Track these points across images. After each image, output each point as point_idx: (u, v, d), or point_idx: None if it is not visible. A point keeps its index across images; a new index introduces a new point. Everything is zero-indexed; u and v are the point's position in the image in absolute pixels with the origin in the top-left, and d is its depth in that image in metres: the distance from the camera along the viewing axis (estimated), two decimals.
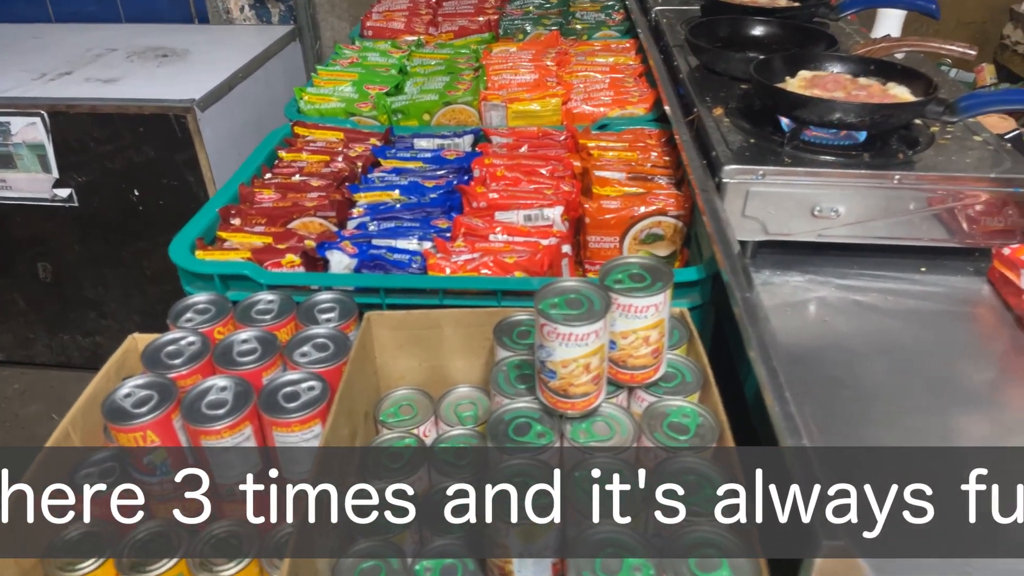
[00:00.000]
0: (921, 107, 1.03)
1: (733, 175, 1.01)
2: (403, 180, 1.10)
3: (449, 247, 0.94)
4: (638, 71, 1.47)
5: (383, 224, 1.00)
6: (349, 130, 1.27)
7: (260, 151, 1.21)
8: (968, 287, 1.02)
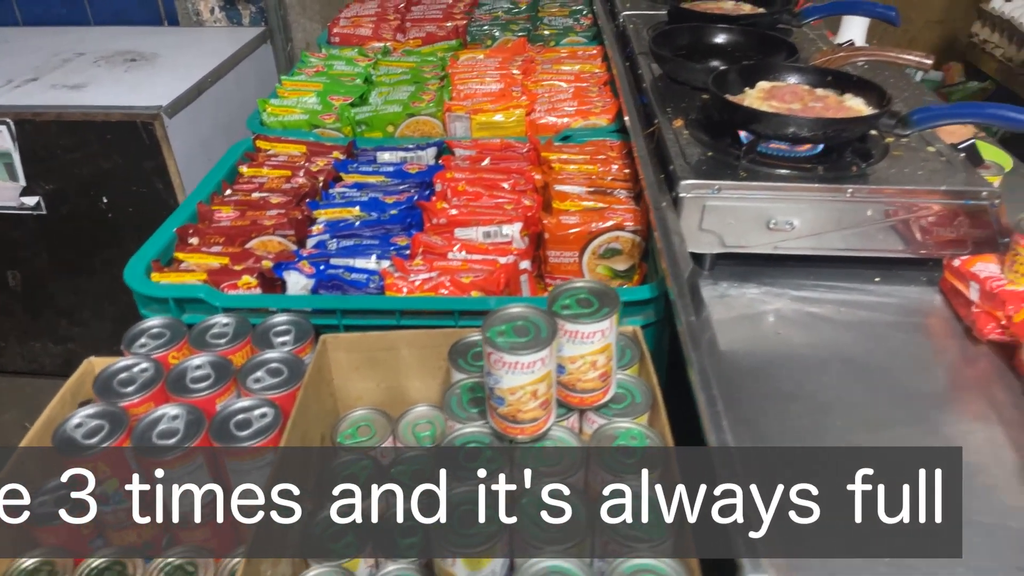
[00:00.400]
0: (873, 121, 1.04)
1: (689, 190, 1.02)
2: (364, 196, 1.10)
3: (407, 266, 0.94)
4: (603, 79, 1.47)
5: (342, 242, 1.00)
6: (312, 143, 1.27)
7: (220, 166, 1.20)
8: (921, 297, 1.04)
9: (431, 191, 1.13)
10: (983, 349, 0.93)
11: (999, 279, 0.94)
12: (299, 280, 0.92)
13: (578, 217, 1.03)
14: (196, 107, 2.18)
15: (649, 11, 1.79)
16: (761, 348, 0.95)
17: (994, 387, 0.89)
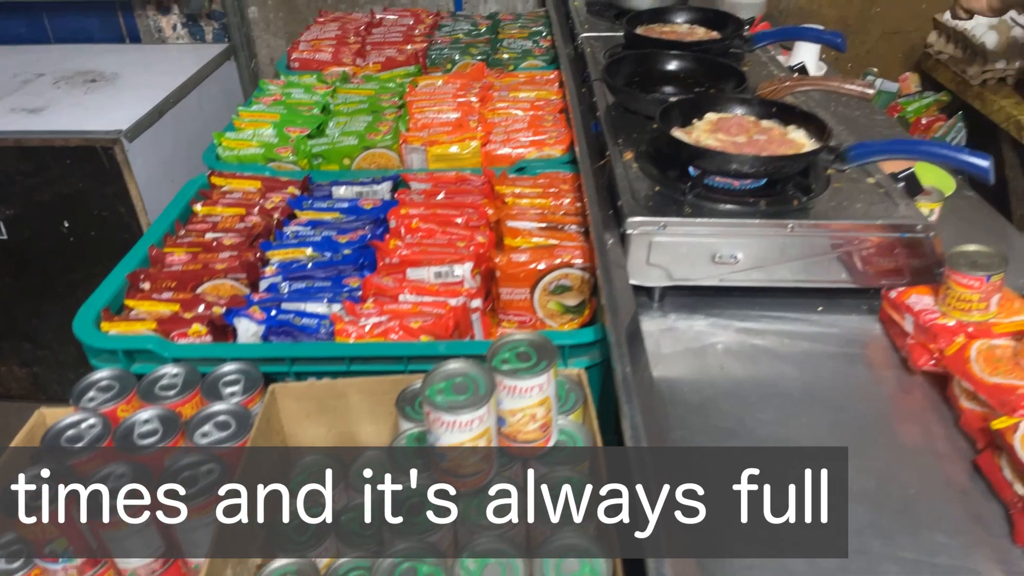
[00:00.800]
0: (812, 156, 1.07)
1: (636, 227, 1.04)
2: (317, 235, 1.11)
3: (358, 309, 0.95)
4: (559, 107, 1.49)
5: (294, 284, 1.01)
6: (267, 178, 1.27)
7: (175, 205, 1.20)
8: (861, 327, 1.07)
9: (385, 228, 1.14)
10: (918, 380, 0.97)
11: (932, 312, 0.97)
12: (250, 327, 0.93)
13: (528, 255, 1.05)
14: (157, 129, 2.16)
15: (608, 32, 1.81)
16: (705, 383, 0.98)
17: (928, 418, 0.92)
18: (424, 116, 1.45)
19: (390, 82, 1.64)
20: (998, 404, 0.83)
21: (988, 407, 0.84)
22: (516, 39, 1.86)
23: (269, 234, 1.14)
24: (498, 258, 1.04)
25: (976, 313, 0.94)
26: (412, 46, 1.82)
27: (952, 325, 0.94)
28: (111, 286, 1.02)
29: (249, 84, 2.73)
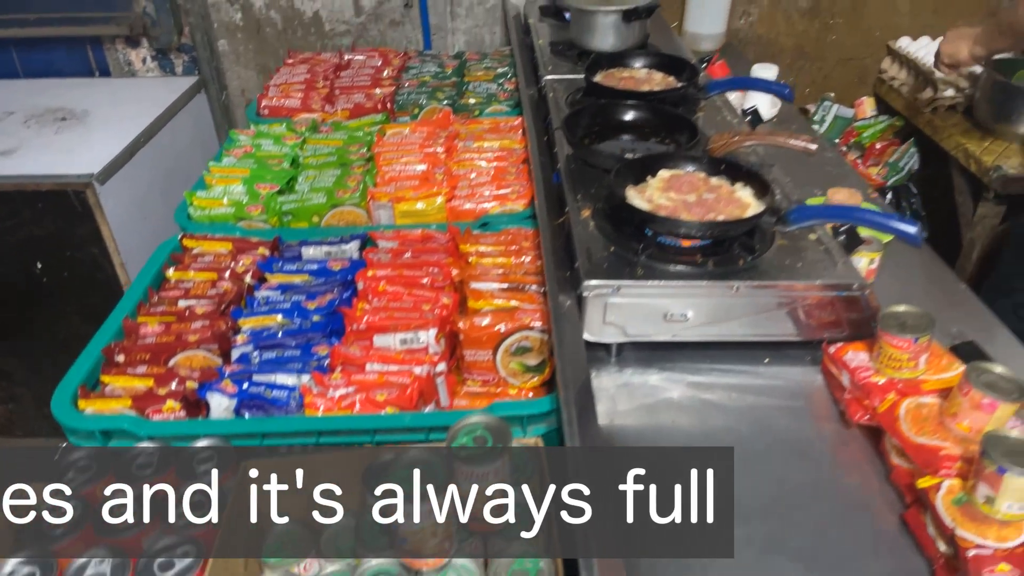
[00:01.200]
0: (755, 220, 1.14)
1: (592, 290, 1.10)
2: (287, 300, 1.16)
3: (327, 380, 1.00)
4: (522, 157, 1.55)
5: (265, 354, 1.06)
6: (238, 239, 1.31)
7: (147, 271, 1.24)
8: (804, 378, 1.14)
9: (353, 291, 1.19)
10: (855, 433, 1.04)
11: (867, 369, 1.04)
12: (222, 402, 0.97)
13: (490, 318, 1.10)
14: (129, 169, 2.18)
15: (570, 75, 1.87)
16: (657, 441, 1.04)
17: (864, 471, 0.99)
18: (391, 168, 1.50)
19: (358, 131, 1.68)
20: (923, 464, 0.90)
21: (915, 465, 0.91)
22: (482, 82, 1.91)
23: (240, 300, 1.18)
24: (462, 322, 1.09)
25: (906, 371, 1.01)
26: (380, 90, 1.87)
27: (883, 383, 1.01)
28: (87, 361, 1.06)
29: (220, 116, 2.75)
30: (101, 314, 2.21)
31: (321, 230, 1.38)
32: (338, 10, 2.60)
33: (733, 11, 2.50)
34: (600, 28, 1.90)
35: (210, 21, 2.62)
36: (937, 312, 1.27)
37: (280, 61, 2.68)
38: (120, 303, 1.15)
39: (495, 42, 2.66)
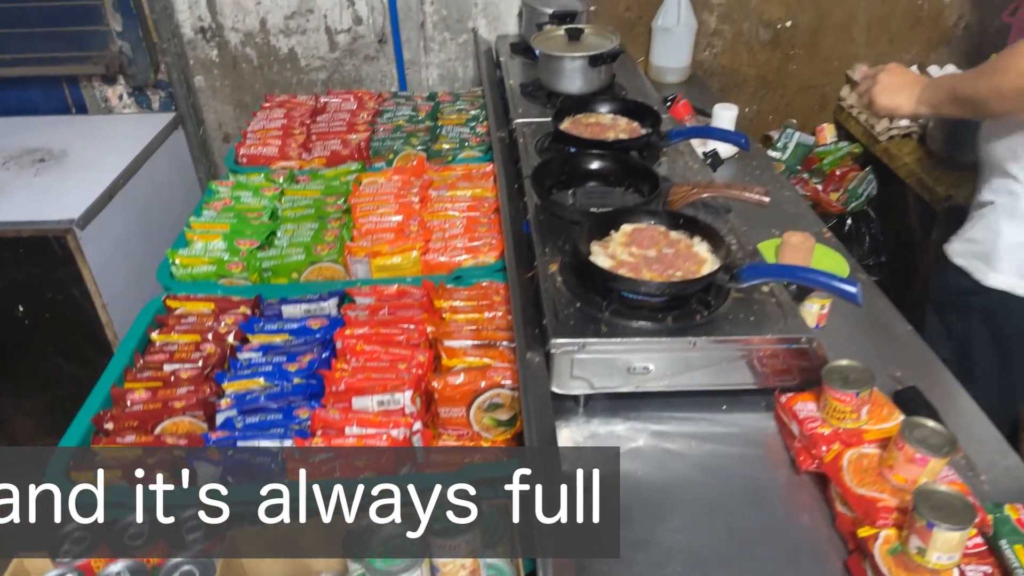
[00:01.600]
0: (710, 278, 1.21)
1: (559, 347, 1.17)
2: (268, 361, 1.21)
3: (308, 444, 1.06)
4: (493, 206, 1.61)
5: (248, 418, 1.11)
6: (219, 299, 1.36)
7: (133, 334, 1.29)
8: (759, 425, 1.22)
9: (332, 350, 1.24)
10: (805, 479, 1.12)
11: (814, 420, 1.12)
12: (208, 469, 1.03)
13: (464, 377, 1.16)
14: (109, 211, 2.22)
15: (540, 118, 1.94)
16: (623, 491, 1.11)
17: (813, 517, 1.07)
18: (368, 220, 1.56)
19: (335, 180, 1.73)
20: (863, 514, 0.98)
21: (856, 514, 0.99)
22: (454, 126, 1.98)
23: (223, 362, 1.23)
24: (436, 382, 1.16)
25: (849, 421, 1.09)
26: (356, 136, 1.92)
27: (828, 433, 1.09)
28: (78, 430, 1.10)
29: (198, 150, 2.79)
30: (83, 353, 2.26)
31: (300, 286, 1.43)
32: (313, 47, 2.65)
33: (697, 44, 2.59)
34: (568, 72, 1.98)
35: (186, 58, 2.66)
36: (882, 355, 1.37)
37: (257, 96, 2.73)
38: (107, 370, 1.20)
39: (468, 75, 2.73)
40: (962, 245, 1.58)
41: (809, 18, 2.63)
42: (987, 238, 1.52)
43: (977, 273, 1.53)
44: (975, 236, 1.55)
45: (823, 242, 1.64)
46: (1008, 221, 1.48)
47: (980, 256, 1.53)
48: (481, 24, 2.61)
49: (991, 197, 1.53)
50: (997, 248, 1.49)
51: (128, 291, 2.32)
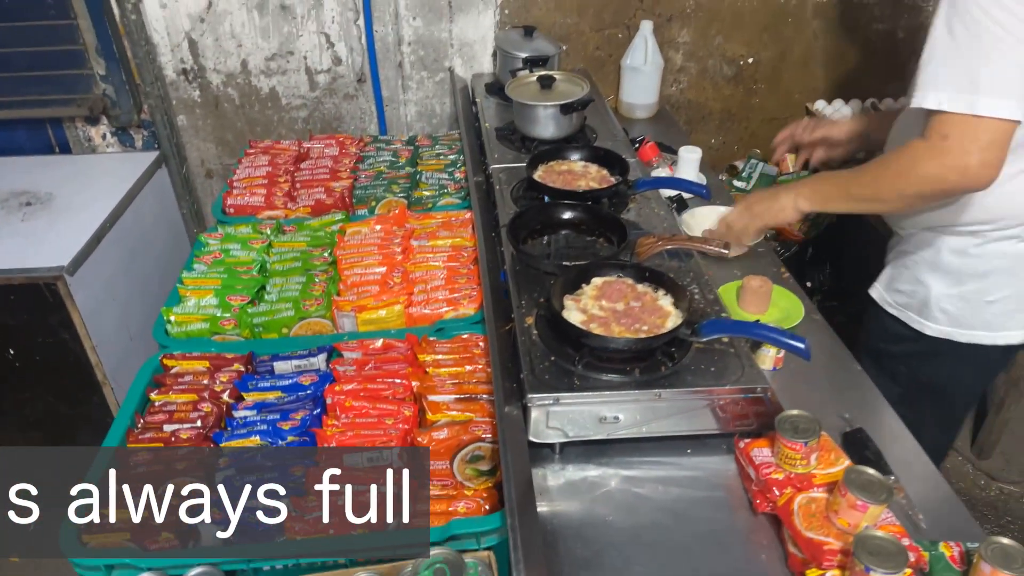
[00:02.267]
0: (673, 334, 1.31)
1: (535, 401, 1.27)
2: (263, 421, 1.29)
3: (304, 503, 1.14)
4: (472, 256, 1.70)
5: (246, 477, 1.19)
6: (214, 356, 1.44)
7: (132, 395, 1.36)
8: (720, 468, 1.32)
9: (322, 406, 1.33)
10: (762, 520, 1.22)
11: (769, 465, 1.22)
12: (212, 529, 1.11)
13: (447, 431, 1.25)
14: (98, 255, 2.28)
15: (515, 163, 2.03)
16: (594, 536, 1.20)
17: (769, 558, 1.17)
18: (352, 273, 1.64)
19: (320, 230, 1.82)
20: (811, 556, 1.08)
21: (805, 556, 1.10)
22: (434, 172, 2.07)
23: (220, 421, 1.31)
24: (422, 437, 1.25)
25: (800, 467, 1.20)
26: (338, 184, 2.00)
27: (782, 479, 1.19)
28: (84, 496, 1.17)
29: (182, 188, 2.85)
30: (74, 394, 2.32)
31: (290, 341, 1.52)
32: (293, 86, 2.73)
33: (665, 80, 2.70)
34: (540, 119, 2.08)
35: (169, 99, 2.72)
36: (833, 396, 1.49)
37: (238, 134, 2.80)
38: (110, 432, 1.27)
39: (445, 111, 2.82)
40: (893, 296, 1.64)
41: (770, 54, 2.75)
42: (917, 291, 1.57)
43: (913, 323, 1.59)
44: (904, 288, 1.61)
45: (781, 283, 1.75)
46: (932, 274, 1.54)
47: (913, 308, 1.59)
48: (457, 63, 2.71)
49: (910, 248, 1.59)
50: (929, 301, 1.55)
51: (117, 331, 2.38)
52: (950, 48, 1.22)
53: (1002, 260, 1.49)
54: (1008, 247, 1.47)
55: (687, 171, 2.08)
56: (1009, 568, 0.97)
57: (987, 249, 1.48)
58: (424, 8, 2.58)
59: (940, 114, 1.24)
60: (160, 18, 2.52)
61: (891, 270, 1.67)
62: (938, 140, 1.25)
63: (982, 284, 1.51)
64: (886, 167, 1.39)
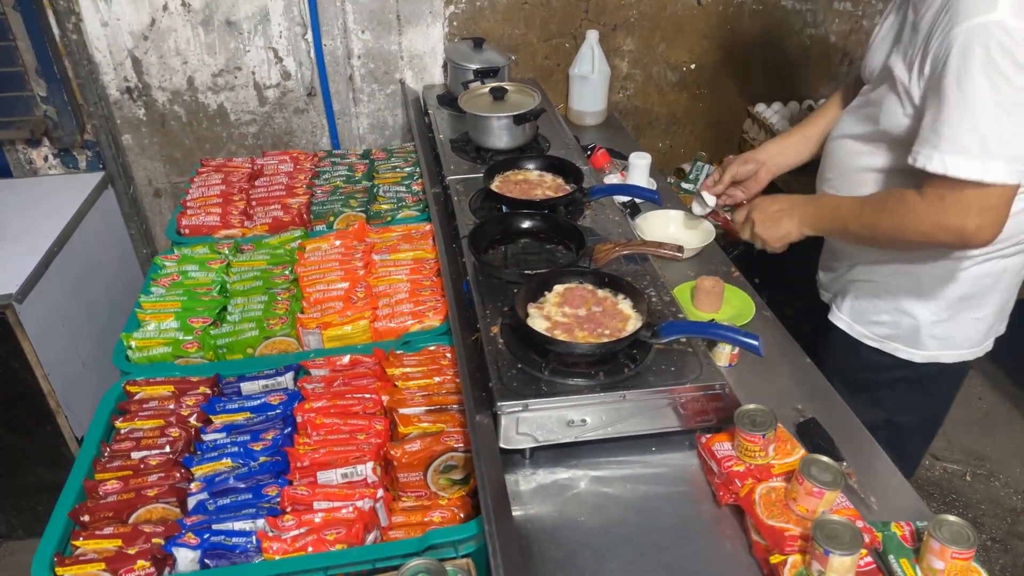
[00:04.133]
0: (634, 337, 1.36)
1: (505, 409, 1.30)
2: (233, 442, 1.29)
3: (280, 523, 1.15)
4: (434, 268, 1.73)
5: (219, 500, 1.19)
6: (178, 380, 1.42)
7: (97, 423, 1.34)
8: (684, 463, 1.38)
9: (292, 425, 1.33)
10: (725, 511, 1.28)
11: (730, 459, 1.28)
12: (187, 555, 1.10)
13: (419, 443, 1.27)
14: (46, 281, 2.22)
15: (471, 174, 2.06)
16: (567, 537, 1.24)
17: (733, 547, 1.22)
18: (315, 290, 1.64)
19: (279, 248, 1.81)
20: (773, 543, 1.14)
21: (768, 543, 1.15)
22: (391, 185, 2.08)
23: (190, 445, 1.30)
24: (395, 451, 1.26)
25: (759, 458, 1.26)
26: (295, 200, 2.00)
27: (742, 471, 1.25)
28: (56, 527, 1.15)
29: (130, 208, 2.79)
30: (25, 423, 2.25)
31: (256, 361, 1.51)
32: (242, 102, 2.70)
33: (612, 88, 2.77)
34: (495, 130, 2.11)
35: (113, 119, 2.66)
36: (786, 388, 1.56)
37: (187, 151, 2.76)
38: (77, 462, 1.25)
39: (397, 123, 2.83)
40: (871, 328, 1.59)
41: (711, 60, 2.85)
42: (901, 322, 1.52)
43: (900, 354, 1.54)
44: (884, 319, 1.55)
45: (732, 282, 1.82)
46: (917, 303, 1.49)
47: (901, 339, 1.55)
48: (408, 76, 2.73)
49: (884, 279, 1.53)
50: (919, 330, 1.50)
51: (69, 357, 2.32)
52: (958, 106, 1.15)
53: (988, 279, 1.46)
54: (991, 266, 1.44)
55: (638, 177, 2.15)
56: (957, 544, 1.05)
57: (972, 272, 1.45)
58: (373, 21, 2.59)
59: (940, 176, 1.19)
60: (102, 36, 2.47)
61: (857, 302, 1.61)
62: (936, 200, 1.22)
63: (970, 303, 1.48)
64: (883, 213, 1.33)
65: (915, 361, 1.55)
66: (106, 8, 2.43)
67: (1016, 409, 2.96)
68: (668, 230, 2.02)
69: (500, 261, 1.67)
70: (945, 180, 1.20)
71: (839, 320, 1.67)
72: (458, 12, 2.62)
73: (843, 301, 1.66)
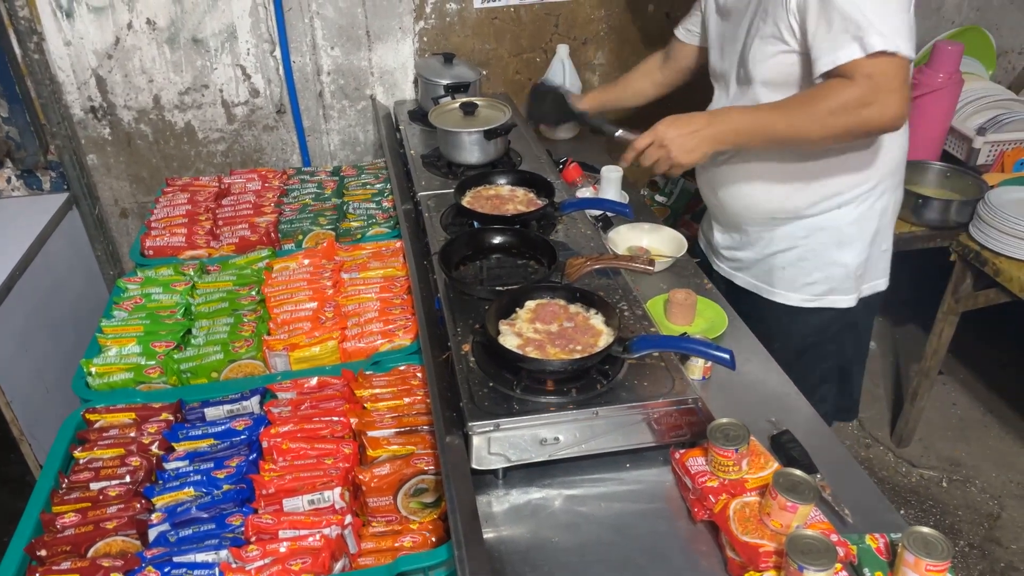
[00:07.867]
0: (606, 352, 1.35)
1: (476, 429, 1.27)
2: (196, 470, 1.25)
3: (244, 554, 1.11)
4: (405, 286, 1.70)
5: (181, 531, 1.15)
6: (140, 407, 1.38)
7: (55, 455, 1.29)
8: (658, 479, 1.36)
9: (258, 451, 1.30)
10: (700, 527, 1.26)
11: (704, 474, 1.27)
12: None
13: (388, 467, 1.24)
14: (8, 306, 2.16)
15: (442, 190, 2.05)
16: (542, 558, 1.22)
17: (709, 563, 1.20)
18: (283, 310, 1.61)
19: (246, 268, 1.78)
20: (748, 560, 1.13)
21: (742, 559, 1.14)
22: (361, 202, 2.05)
23: (151, 475, 1.26)
24: (363, 475, 1.23)
25: (732, 473, 1.24)
26: (263, 219, 1.97)
27: (716, 486, 1.24)
28: (12, 563, 1.11)
29: (95, 229, 2.74)
30: None
31: (221, 385, 1.47)
32: (210, 120, 2.67)
33: None
34: (465, 145, 2.10)
35: (77, 138, 2.61)
36: (759, 400, 1.55)
37: (153, 170, 2.72)
38: (33, 495, 1.20)
39: (368, 139, 2.81)
40: (808, 290, 1.75)
41: None
42: (833, 273, 1.69)
43: (839, 304, 1.73)
44: (817, 277, 1.72)
45: (704, 294, 1.82)
46: (841, 250, 1.67)
47: (837, 290, 1.72)
48: (378, 91, 2.71)
49: (804, 240, 1.69)
50: (850, 274, 1.68)
51: (32, 384, 2.25)
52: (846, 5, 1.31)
53: (888, 212, 1.69)
54: (887, 199, 1.66)
55: (609, 190, 2.14)
56: (930, 556, 1.04)
57: (876, 208, 1.65)
58: (342, 38, 2.58)
59: (865, 59, 1.31)
60: (65, 56, 2.43)
61: (785, 272, 1.76)
62: (864, 80, 1.33)
63: (879, 237, 1.70)
64: (814, 105, 1.40)
65: (851, 307, 1.72)
66: (69, 27, 2.39)
67: (990, 414, 2.99)
68: (641, 242, 2.02)
69: (472, 278, 1.65)
70: (867, 62, 1.32)
71: (775, 295, 1.81)
72: (428, 27, 2.62)
73: (770, 277, 1.80)
